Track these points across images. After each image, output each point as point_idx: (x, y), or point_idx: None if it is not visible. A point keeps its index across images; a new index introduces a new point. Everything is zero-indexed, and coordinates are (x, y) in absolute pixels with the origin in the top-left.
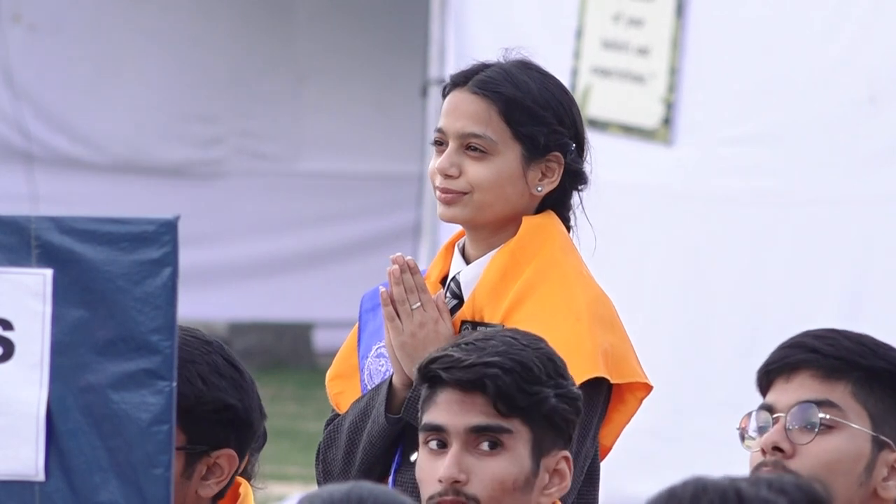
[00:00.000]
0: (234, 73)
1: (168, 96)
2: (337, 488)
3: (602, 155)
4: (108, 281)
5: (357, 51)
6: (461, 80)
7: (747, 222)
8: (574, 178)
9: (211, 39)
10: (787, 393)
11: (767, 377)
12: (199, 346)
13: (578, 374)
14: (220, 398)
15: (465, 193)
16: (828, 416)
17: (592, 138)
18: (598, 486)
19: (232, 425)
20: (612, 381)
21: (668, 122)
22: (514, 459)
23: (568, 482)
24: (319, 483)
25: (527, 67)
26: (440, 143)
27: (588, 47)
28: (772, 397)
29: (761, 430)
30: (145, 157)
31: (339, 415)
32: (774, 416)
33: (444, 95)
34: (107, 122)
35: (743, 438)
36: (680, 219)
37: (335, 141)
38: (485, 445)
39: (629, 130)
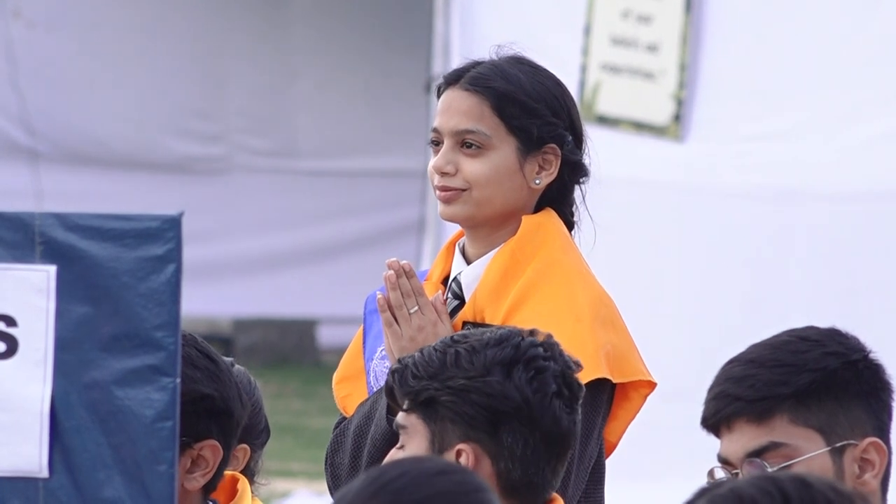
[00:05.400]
0: (236, 69)
1: (169, 92)
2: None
3: (612, 151)
4: (113, 277)
5: (359, 46)
6: (454, 79)
7: (758, 219)
8: (573, 170)
9: (211, 35)
10: (733, 443)
11: (710, 429)
12: None
13: (581, 375)
14: (195, 389)
15: (463, 190)
16: (778, 461)
17: (602, 135)
18: (603, 484)
19: (211, 416)
20: (614, 382)
21: (678, 118)
22: (410, 455)
23: None
24: (329, 486)
25: (518, 62)
26: (437, 143)
27: (597, 44)
28: (724, 448)
29: None
30: (149, 153)
31: (346, 418)
32: (734, 471)
33: (439, 95)
34: (109, 119)
35: None
36: (690, 215)
37: (339, 137)
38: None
39: (640, 127)
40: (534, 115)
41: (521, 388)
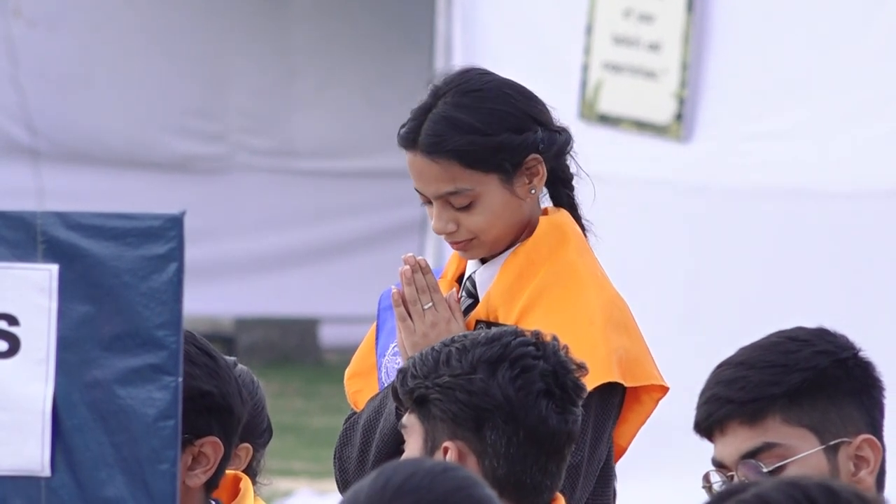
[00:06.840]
0: (237, 68)
1: (170, 91)
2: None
3: (614, 150)
4: (114, 276)
5: (359, 45)
6: (409, 143)
7: (760, 218)
8: (558, 153)
9: (212, 34)
10: (727, 446)
11: (703, 433)
12: None
13: (592, 378)
14: (194, 386)
15: (472, 239)
16: (772, 461)
17: (604, 134)
18: (611, 486)
19: (211, 412)
20: (626, 385)
21: (680, 117)
22: (409, 454)
23: None
24: (336, 479)
25: (462, 94)
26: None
27: (598, 43)
28: (718, 451)
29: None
30: (149, 152)
31: (356, 413)
32: (728, 474)
33: (401, 146)
34: (110, 118)
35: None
36: (691, 214)
37: (340, 137)
38: None
39: (641, 126)
40: (501, 149)
41: (504, 387)
